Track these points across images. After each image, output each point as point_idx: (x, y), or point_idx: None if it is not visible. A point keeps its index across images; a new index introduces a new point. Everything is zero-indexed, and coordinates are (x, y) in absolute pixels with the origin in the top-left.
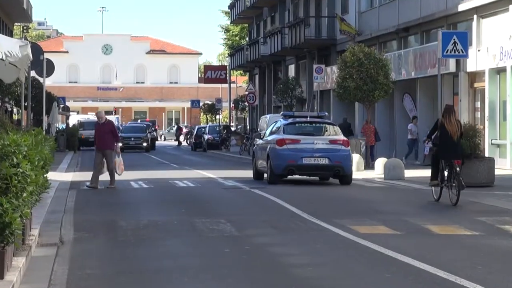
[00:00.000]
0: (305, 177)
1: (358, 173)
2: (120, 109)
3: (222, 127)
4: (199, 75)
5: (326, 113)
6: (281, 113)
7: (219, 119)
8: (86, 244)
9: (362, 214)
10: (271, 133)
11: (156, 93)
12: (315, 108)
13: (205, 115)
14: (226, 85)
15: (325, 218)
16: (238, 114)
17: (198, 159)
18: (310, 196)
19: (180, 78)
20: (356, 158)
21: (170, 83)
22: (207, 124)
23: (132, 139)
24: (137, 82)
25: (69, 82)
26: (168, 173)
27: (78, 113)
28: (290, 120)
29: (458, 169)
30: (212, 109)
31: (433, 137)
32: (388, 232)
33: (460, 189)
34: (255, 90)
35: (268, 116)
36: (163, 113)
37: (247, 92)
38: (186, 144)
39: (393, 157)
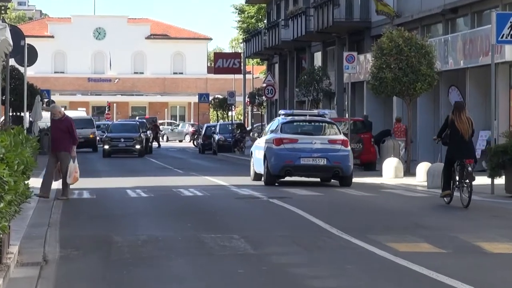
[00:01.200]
0: (305, 178)
1: (397, 180)
2: (114, 104)
3: (235, 125)
4: (208, 64)
5: (327, 112)
6: (279, 111)
7: (231, 116)
8: (74, 264)
9: (401, 229)
10: (270, 132)
11: (158, 86)
12: (346, 103)
13: (215, 112)
14: (240, 76)
15: (357, 233)
16: (254, 110)
17: (206, 164)
18: (338, 206)
19: (186, 67)
20: (393, 163)
21: (174, 73)
22: (217, 122)
23: (122, 140)
24: (135, 73)
25: (55, 72)
26: (172, 180)
27: (65, 108)
28: (288, 119)
29: (470, 169)
30: (224, 105)
31: (443, 135)
32: (433, 251)
33: (468, 189)
34: (274, 82)
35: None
36: (166, 109)
37: (265, 85)
38: (193, 146)
39: (437, 161)
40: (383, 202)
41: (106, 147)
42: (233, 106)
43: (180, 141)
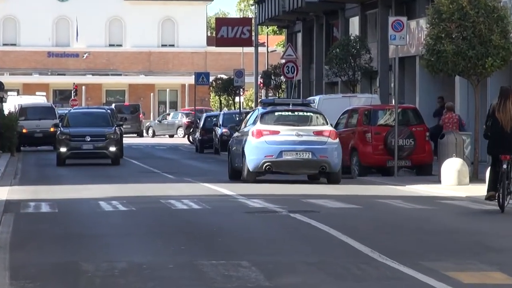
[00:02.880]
0: (289, 177)
1: (460, 189)
2: (83, 87)
3: (244, 115)
4: (209, 34)
5: (312, 100)
6: (260, 100)
7: (239, 102)
8: None
9: (465, 253)
10: (249, 124)
11: (141, 62)
12: (392, 85)
13: (217, 97)
14: (251, 50)
15: (407, 259)
16: (270, 95)
17: (206, 166)
18: (381, 223)
19: (178, 38)
20: (456, 165)
21: (163, 46)
22: (220, 110)
23: (88, 138)
24: (111, 45)
25: (4, 44)
26: (160, 188)
27: (18, 93)
28: (268, 109)
29: (505, 166)
30: (229, 88)
31: (484, 126)
32: (508, 282)
33: (506, 193)
34: (296, 57)
35: (317, 98)
36: (152, 94)
37: (283, 61)
38: (188, 143)
39: None
40: (441, 218)
41: (63, 149)
42: (241, 90)
43: (171, 136)
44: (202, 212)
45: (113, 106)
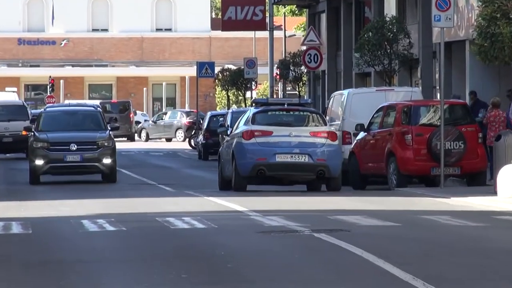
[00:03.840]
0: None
1: None
2: (61, 81)
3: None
4: (213, 15)
5: (310, 101)
6: (252, 100)
7: (252, 98)
8: None
9: None
10: (241, 124)
11: (131, 51)
12: (437, 76)
13: (224, 92)
14: (265, 34)
15: (457, 287)
16: (288, 89)
17: (211, 176)
18: (427, 244)
19: (177, 21)
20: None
21: (158, 30)
22: (228, 108)
23: (74, 147)
24: (94, 30)
25: None
26: (155, 204)
27: None
28: (261, 108)
29: None
30: (239, 80)
31: None
32: None
33: None
34: (320, 43)
35: (345, 93)
36: (145, 89)
37: (304, 48)
38: (190, 148)
39: None
40: (499, 237)
41: (39, 162)
42: (253, 83)
43: (169, 140)
44: (207, 232)
45: (98, 103)
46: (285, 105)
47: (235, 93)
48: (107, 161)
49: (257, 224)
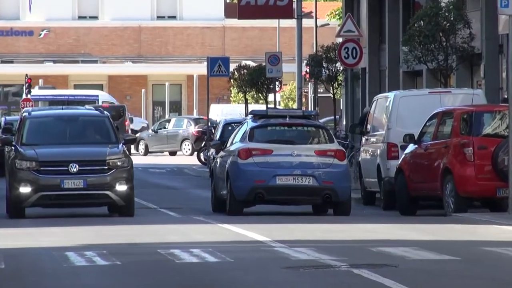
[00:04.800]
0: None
1: None
2: (40, 81)
3: None
4: (227, 0)
5: (315, 112)
6: (249, 111)
7: (275, 102)
8: None
9: None
10: (235, 141)
11: (126, 43)
12: (504, 74)
13: (241, 93)
14: (291, 23)
15: None
16: (320, 90)
17: None
18: (486, 280)
19: (182, 7)
20: None
21: (159, 18)
22: (246, 115)
23: (74, 169)
24: (81, 18)
25: None
26: (157, 232)
27: None
28: (259, 122)
29: None
30: (259, 80)
31: None
32: None
33: None
34: (359, 34)
35: (391, 96)
36: (143, 90)
37: (340, 40)
38: (199, 164)
39: None
40: None
41: (24, 190)
42: (277, 83)
43: (173, 153)
44: (220, 268)
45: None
46: (287, 118)
47: (255, 95)
48: (121, 187)
49: (282, 257)
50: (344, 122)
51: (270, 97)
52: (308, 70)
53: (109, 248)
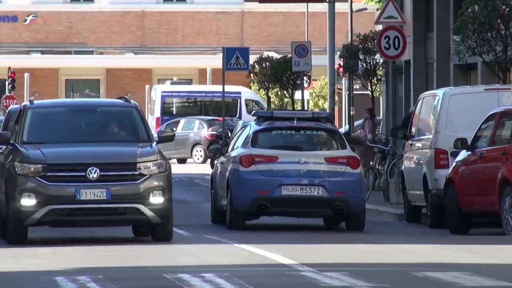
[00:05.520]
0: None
1: None
2: (26, 75)
3: None
4: None
5: (327, 114)
6: (253, 112)
7: (302, 101)
8: None
9: None
10: (237, 146)
11: (128, 31)
12: None
13: (262, 90)
14: (322, 7)
15: None
16: (356, 86)
17: None
18: None
19: None
20: None
21: (166, 1)
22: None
23: (94, 174)
24: (73, 0)
25: None
26: (164, 253)
27: None
28: (264, 125)
29: None
30: (284, 75)
31: None
32: None
33: None
34: (403, 20)
35: (440, 93)
36: (147, 86)
37: (380, 27)
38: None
39: None
40: None
41: (27, 202)
42: (305, 78)
43: (183, 160)
44: None
45: None
46: (294, 121)
47: (279, 93)
48: (157, 200)
49: (310, 284)
50: (385, 125)
51: (297, 95)
52: (341, 63)
53: (106, 272)
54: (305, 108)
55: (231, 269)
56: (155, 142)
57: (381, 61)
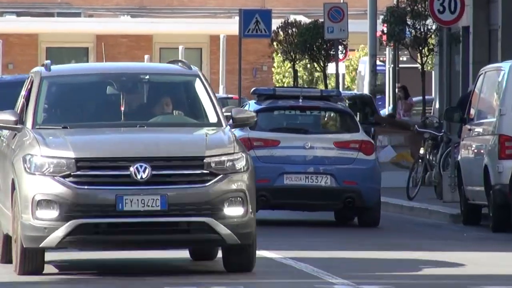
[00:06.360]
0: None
1: None
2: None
3: (353, 102)
4: None
5: (338, 92)
6: (252, 90)
7: (337, 76)
8: None
9: None
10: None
11: None
12: None
13: (288, 62)
14: None
15: None
16: (403, 58)
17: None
18: None
19: None
20: None
21: None
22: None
23: (142, 173)
24: None
25: None
26: (167, 264)
27: None
28: (264, 104)
29: None
30: (314, 44)
31: None
32: None
33: None
34: None
35: (506, 67)
36: (146, 57)
37: None
38: None
39: None
40: None
41: (46, 215)
42: (340, 48)
43: None
44: None
45: None
46: (300, 100)
47: (308, 65)
48: (234, 211)
49: None
50: (438, 105)
51: (330, 68)
52: (385, 29)
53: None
54: (342, 86)
55: (246, 281)
56: (228, 127)
57: (433, 27)
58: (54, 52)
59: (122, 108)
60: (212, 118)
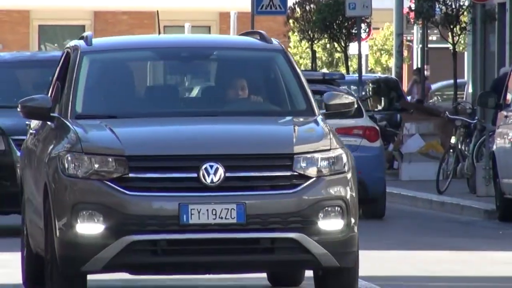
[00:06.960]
0: None
1: None
2: None
3: (375, 89)
4: None
5: (340, 75)
6: None
7: (359, 56)
8: None
9: None
10: None
11: None
12: None
13: (305, 42)
14: None
15: None
16: (433, 38)
17: None
18: None
19: None
20: None
21: None
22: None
23: (212, 176)
24: None
25: None
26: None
27: None
28: None
29: None
30: (334, 22)
31: None
32: None
33: None
34: None
35: None
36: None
37: None
38: None
39: None
40: None
41: (90, 230)
42: (363, 27)
43: None
44: None
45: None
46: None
47: (328, 45)
48: (331, 224)
49: None
50: (471, 90)
51: (352, 48)
52: (412, 6)
53: None
54: (366, 69)
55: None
56: (320, 116)
57: (466, 3)
58: (47, 30)
59: (185, 93)
60: (301, 105)
